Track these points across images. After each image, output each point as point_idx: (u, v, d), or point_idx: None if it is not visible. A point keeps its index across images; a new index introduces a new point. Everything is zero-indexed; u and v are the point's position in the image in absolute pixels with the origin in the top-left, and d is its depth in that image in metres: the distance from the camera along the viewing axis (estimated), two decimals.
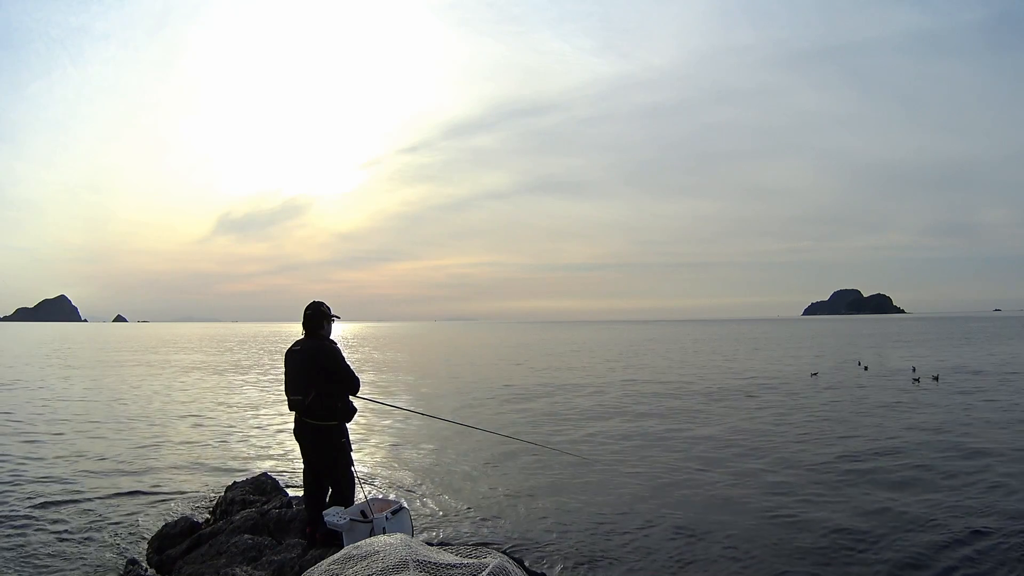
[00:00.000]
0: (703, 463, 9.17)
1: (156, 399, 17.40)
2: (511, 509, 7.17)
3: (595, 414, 13.96)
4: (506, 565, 2.64)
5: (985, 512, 6.67)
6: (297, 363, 4.84)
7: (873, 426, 11.81)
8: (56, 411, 14.82)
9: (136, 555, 5.67)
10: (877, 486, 7.77)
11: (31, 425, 12.81)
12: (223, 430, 12.47)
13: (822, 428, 11.72)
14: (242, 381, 22.71)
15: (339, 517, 4.55)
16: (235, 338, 78.62)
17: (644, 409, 14.55)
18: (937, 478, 8.10)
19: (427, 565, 2.57)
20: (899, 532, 6.14)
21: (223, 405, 16.16)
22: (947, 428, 11.47)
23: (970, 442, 10.19)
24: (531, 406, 15.35)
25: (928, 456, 9.29)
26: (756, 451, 9.89)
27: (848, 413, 13.49)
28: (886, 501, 7.12)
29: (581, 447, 10.20)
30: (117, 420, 13.54)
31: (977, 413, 13.08)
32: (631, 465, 9.14)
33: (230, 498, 6.78)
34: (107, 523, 6.72)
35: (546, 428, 12.34)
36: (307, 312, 4.96)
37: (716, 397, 16.52)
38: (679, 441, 10.79)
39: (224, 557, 4.89)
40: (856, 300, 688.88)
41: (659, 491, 7.79)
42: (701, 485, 8.01)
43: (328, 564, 2.79)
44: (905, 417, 12.73)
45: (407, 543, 2.78)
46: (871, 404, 14.71)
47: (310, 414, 4.76)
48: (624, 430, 11.94)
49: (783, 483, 8.01)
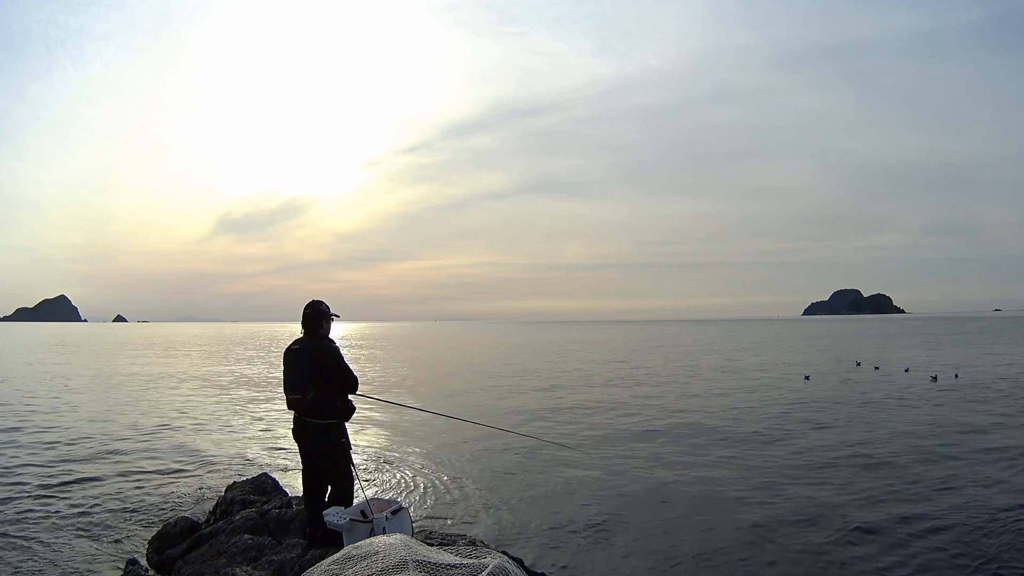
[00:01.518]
0: (703, 463, 9.18)
1: (155, 399, 17.39)
2: (511, 509, 7.17)
3: (595, 414, 13.96)
4: (506, 565, 2.64)
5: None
6: (296, 362, 4.80)
7: (861, 423, 11.86)
8: (55, 411, 14.80)
9: (136, 555, 5.67)
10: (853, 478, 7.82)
11: (29, 425, 12.80)
12: (223, 430, 12.48)
13: (815, 425, 11.77)
14: (241, 381, 22.71)
15: (339, 517, 4.54)
16: (235, 338, 78.62)
17: (643, 409, 14.57)
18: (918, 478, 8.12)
19: (427, 565, 2.57)
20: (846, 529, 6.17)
21: (222, 405, 16.16)
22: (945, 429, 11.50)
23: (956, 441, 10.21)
24: (531, 404, 15.35)
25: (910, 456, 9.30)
26: (755, 450, 9.90)
27: (837, 412, 13.56)
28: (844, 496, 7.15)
29: (581, 444, 10.20)
30: (116, 420, 13.53)
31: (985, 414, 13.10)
32: (631, 464, 9.15)
33: (230, 498, 6.78)
34: (106, 523, 6.72)
35: (545, 424, 12.35)
36: (306, 311, 4.90)
37: (714, 397, 16.53)
38: (679, 441, 10.79)
39: (224, 557, 4.89)
40: (856, 300, 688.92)
41: (659, 490, 7.80)
42: (701, 484, 8.01)
43: (328, 564, 2.79)
44: (900, 416, 12.78)
45: (407, 543, 2.78)
46: (858, 403, 14.81)
47: (309, 413, 4.72)
48: (624, 429, 11.95)
49: (782, 484, 8.03)
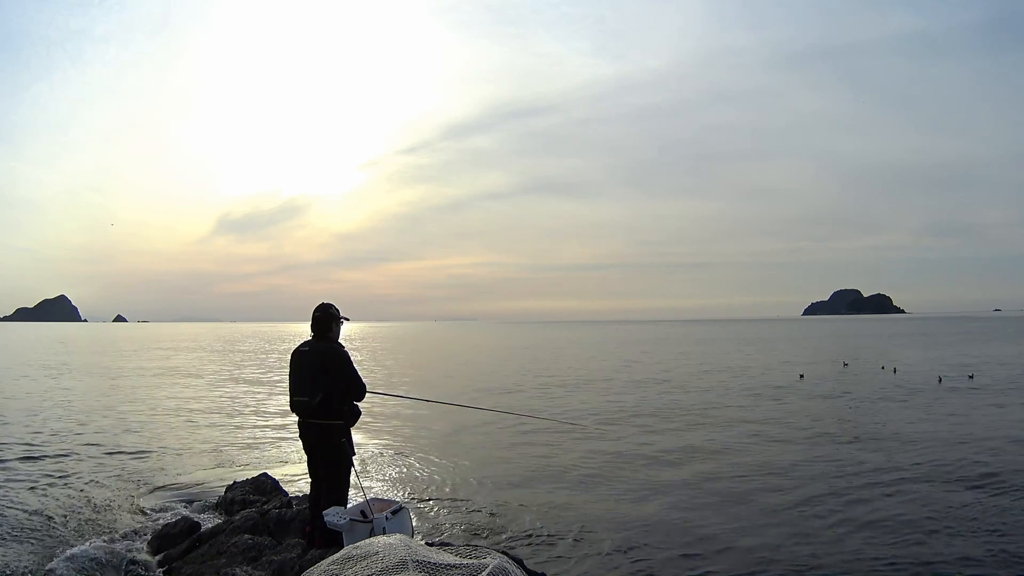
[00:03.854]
0: (702, 462, 9.18)
1: (155, 399, 17.38)
2: (511, 508, 7.17)
3: (596, 412, 13.95)
4: (506, 565, 2.64)
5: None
6: (305, 364, 4.75)
7: (848, 422, 11.85)
8: (54, 412, 14.79)
9: (136, 555, 5.66)
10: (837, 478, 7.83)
11: (28, 424, 12.79)
12: (223, 430, 12.47)
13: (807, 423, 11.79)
14: (242, 381, 22.70)
15: (339, 517, 4.53)
16: (235, 338, 78.56)
17: (643, 408, 14.56)
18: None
19: (427, 565, 2.57)
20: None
21: (222, 404, 16.16)
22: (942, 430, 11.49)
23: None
24: (531, 403, 15.33)
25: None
26: (752, 446, 9.92)
27: (828, 408, 13.67)
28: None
29: (582, 434, 10.22)
30: (116, 420, 13.52)
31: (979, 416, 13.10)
32: (631, 463, 9.15)
33: (230, 498, 6.78)
34: (106, 523, 6.70)
35: (548, 411, 12.34)
36: (316, 314, 4.84)
37: (712, 396, 16.55)
38: (678, 441, 10.79)
39: (224, 557, 4.89)
40: (856, 300, 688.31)
41: (658, 489, 7.80)
42: (700, 484, 8.02)
43: (328, 564, 2.78)
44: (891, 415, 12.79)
45: (407, 543, 2.78)
46: (846, 403, 14.88)
47: (315, 415, 4.69)
48: (624, 429, 11.93)
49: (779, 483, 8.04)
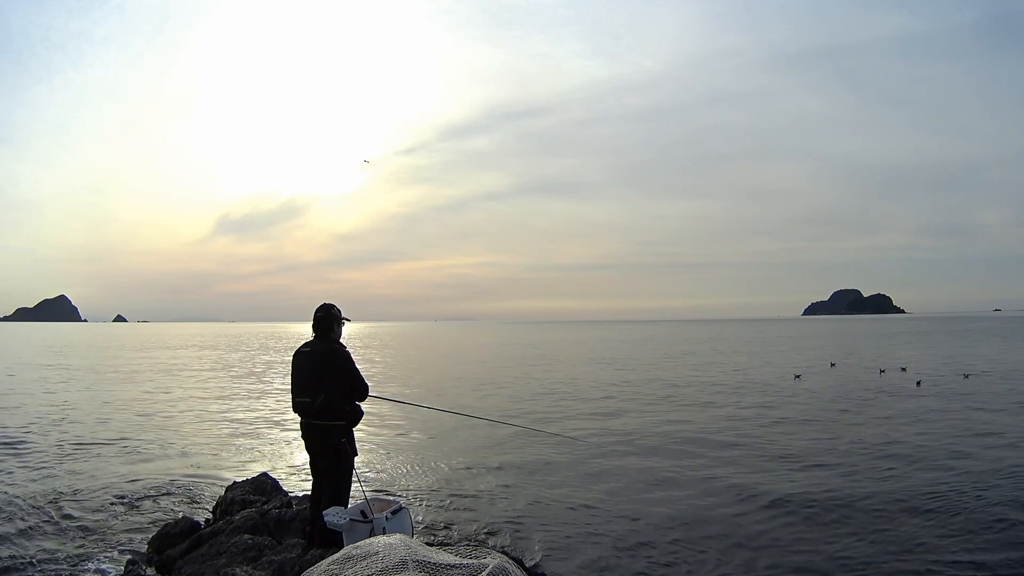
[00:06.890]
0: (702, 462, 9.17)
1: (154, 399, 17.38)
2: (511, 508, 7.17)
3: (595, 412, 13.97)
4: (506, 565, 2.64)
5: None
6: (307, 365, 4.75)
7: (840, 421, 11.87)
8: (53, 412, 14.80)
9: (136, 555, 5.67)
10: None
11: (26, 424, 12.80)
12: (223, 430, 12.47)
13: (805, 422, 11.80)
14: (241, 380, 22.71)
15: (339, 517, 4.54)
16: (235, 337, 78.57)
17: (642, 408, 14.57)
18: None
19: (427, 565, 2.57)
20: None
21: (222, 404, 16.15)
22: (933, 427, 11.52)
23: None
24: (531, 402, 15.37)
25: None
26: (749, 446, 9.92)
27: (824, 407, 13.76)
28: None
29: (584, 440, 10.22)
30: (115, 420, 13.53)
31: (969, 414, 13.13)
32: (631, 463, 9.14)
33: (230, 498, 6.78)
34: (106, 523, 6.71)
35: (545, 419, 12.35)
36: (318, 314, 4.84)
37: (710, 396, 16.55)
38: (677, 441, 10.78)
39: (224, 557, 4.89)
40: (856, 300, 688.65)
41: (658, 489, 7.80)
42: (701, 483, 8.01)
43: (328, 564, 2.79)
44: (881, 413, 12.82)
45: (407, 543, 2.78)
46: (838, 403, 14.93)
47: (317, 415, 4.69)
48: (624, 428, 11.93)
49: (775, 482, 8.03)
